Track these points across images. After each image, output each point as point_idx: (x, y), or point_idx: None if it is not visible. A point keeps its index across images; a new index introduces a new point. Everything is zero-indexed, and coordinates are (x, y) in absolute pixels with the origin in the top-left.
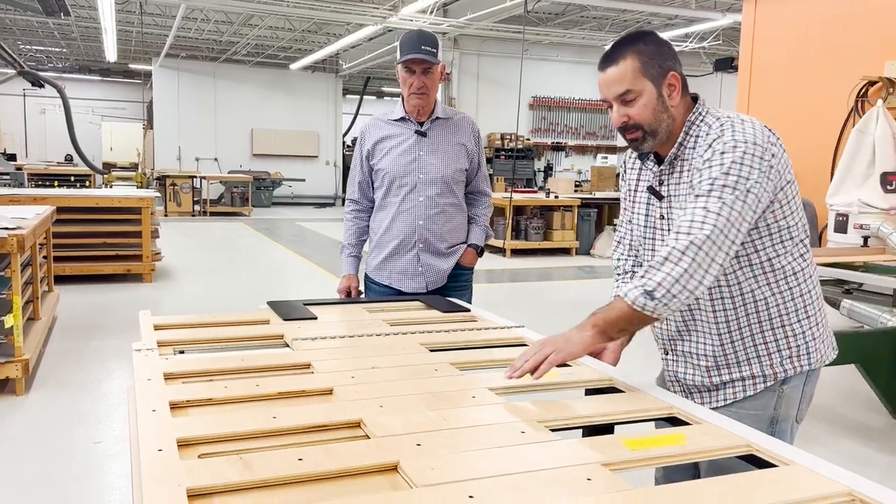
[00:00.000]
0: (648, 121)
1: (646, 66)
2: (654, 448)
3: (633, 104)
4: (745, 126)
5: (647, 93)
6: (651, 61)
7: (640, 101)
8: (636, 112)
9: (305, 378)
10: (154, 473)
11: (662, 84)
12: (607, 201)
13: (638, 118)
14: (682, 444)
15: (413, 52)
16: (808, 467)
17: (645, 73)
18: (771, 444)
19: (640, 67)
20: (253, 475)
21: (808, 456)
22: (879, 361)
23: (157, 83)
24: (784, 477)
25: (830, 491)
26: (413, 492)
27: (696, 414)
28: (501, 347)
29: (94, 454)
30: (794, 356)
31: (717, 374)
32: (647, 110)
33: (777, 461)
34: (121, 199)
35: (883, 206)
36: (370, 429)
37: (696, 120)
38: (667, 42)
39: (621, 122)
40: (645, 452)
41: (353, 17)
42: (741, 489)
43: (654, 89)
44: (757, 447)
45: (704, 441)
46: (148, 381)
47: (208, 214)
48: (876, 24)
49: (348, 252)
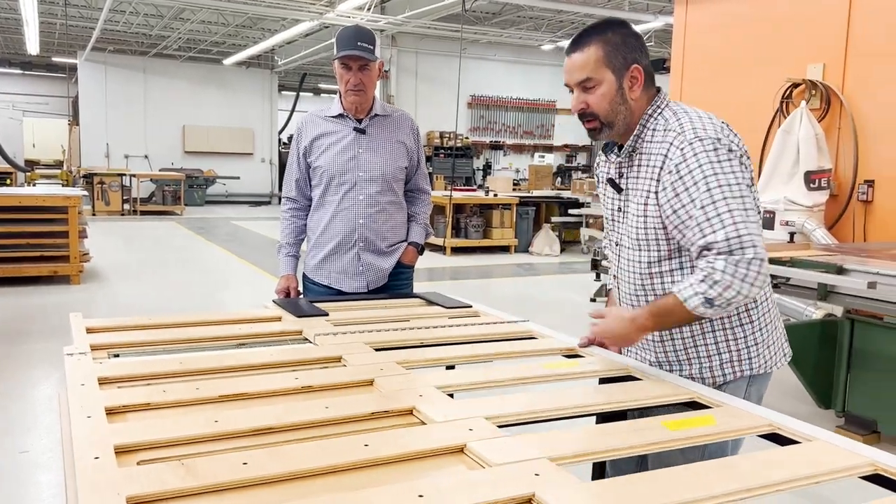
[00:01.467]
0: (605, 111)
1: (609, 56)
2: (692, 429)
3: (593, 92)
4: (705, 122)
5: (608, 83)
6: (615, 52)
7: (599, 90)
8: (594, 101)
9: (341, 370)
10: (90, 481)
11: (625, 76)
12: (545, 200)
13: (595, 107)
14: (714, 424)
15: (349, 48)
16: (829, 442)
17: (608, 64)
18: (792, 423)
19: (603, 57)
20: (197, 481)
21: (827, 433)
22: (806, 353)
23: (82, 77)
24: (809, 452)
25: (853, 463)
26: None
27: (715, 398)
28: (510, 341)
29: (21, 464)
30: (733, 360)
31: (678, 368)
32: (604, 101)
33: (800, 438)
34: (45, 198)
35: (807, 204)
36: (424, 415)
37: (653, 113)
38: (636, 34)
39: (579, 108)
40: (685, 433)
41: (288, 13)
42: (772, 463)
43: (614, 80)
44: (779, 426)
45: (731, 422)
46: (82, 385)
47: (139, 213)
48: (799, 29)
49: (286, 252)
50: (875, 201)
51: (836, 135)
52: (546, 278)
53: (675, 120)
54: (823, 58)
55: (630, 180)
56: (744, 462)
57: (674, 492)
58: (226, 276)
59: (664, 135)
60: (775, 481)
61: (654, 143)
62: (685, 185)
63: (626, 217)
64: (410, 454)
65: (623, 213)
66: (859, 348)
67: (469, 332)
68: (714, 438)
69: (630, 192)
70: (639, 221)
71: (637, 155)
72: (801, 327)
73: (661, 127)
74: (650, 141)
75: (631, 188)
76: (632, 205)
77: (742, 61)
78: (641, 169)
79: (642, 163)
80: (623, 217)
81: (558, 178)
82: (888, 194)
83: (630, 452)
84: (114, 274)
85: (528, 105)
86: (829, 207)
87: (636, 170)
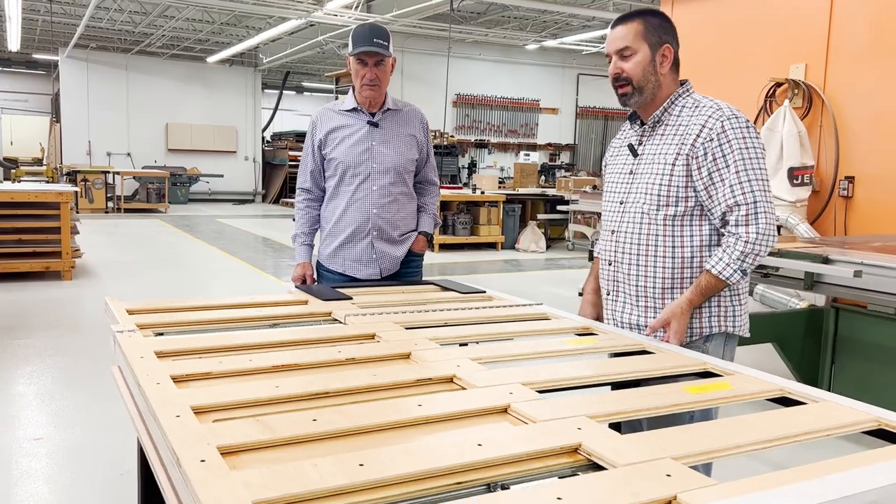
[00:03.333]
0: (638, 77)
1: (647, 32)
2: (711, 392)
3: (629, 59)
4: (732, 107)
5: (643, 53)
6: (653, 30)
7: (635, 58)
8: (630, 67)
9: (378, 345)
10: (179, 436)
11: (658, 51)
12: (530, 197)
13: (630, 72)
14: (731, 388)
15: (366, 44)
16: (836, 403)
17: (645, 38)
18: (800, 387)
19: (642, 31)
20: (275, 434)
21: (832, 395)
22: (792, 340)
23: (64, 75)
24: (818, 410)
25: (858, 419)
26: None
27: (725, 366)
28: (526, 321)
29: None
30: (721, 315)
31: (654, 317)
32: (638, 67)
33: (808, 400)
34: (38, 194)
35: (790, 199)
36: (465, 382)
37: (683, 93)
38: (671, 23)
39: (615, 73)
40: (705, 395)
41: (276, 11)
42: (786, 419)
43: (649, 52)
44: (789, 390)
45: (745, 386)
46: (141, 358)
47: (122, 211)
48: (782, 29)
49: (301, 241)
50: (855, 197)
51: (817, 132)
52: (533, 274)
53: (708, 101)
54: (805, 58)
55: (650, 147)
56: (760, 420)
57: (705, 442)
58: (216, 272)
59: (695, 110)
60: (791, 433)
61: (682, 116)
62: (723, 152)
63: (635, 178)
64: (459, 413)
65: (633, 174)
66: (844, 336)
67: (487, 314)
68: (731, 401)
69: (647, 157)
70: (664, 179)
71: (661, 127)
72: (789, 315)
73: (690, 104)
74: (678, 116)
75: (649, 154)
76: (648, 167)
77: (727, 61)
78: (667, 139)
79: (668, 134)
80: (632, 178)
81: (542, 176)
82: (868, 190)
83: (659, 412)
84: (104, 270)
85: (513, 104)
86: (811, 203)
87: (659, 138)
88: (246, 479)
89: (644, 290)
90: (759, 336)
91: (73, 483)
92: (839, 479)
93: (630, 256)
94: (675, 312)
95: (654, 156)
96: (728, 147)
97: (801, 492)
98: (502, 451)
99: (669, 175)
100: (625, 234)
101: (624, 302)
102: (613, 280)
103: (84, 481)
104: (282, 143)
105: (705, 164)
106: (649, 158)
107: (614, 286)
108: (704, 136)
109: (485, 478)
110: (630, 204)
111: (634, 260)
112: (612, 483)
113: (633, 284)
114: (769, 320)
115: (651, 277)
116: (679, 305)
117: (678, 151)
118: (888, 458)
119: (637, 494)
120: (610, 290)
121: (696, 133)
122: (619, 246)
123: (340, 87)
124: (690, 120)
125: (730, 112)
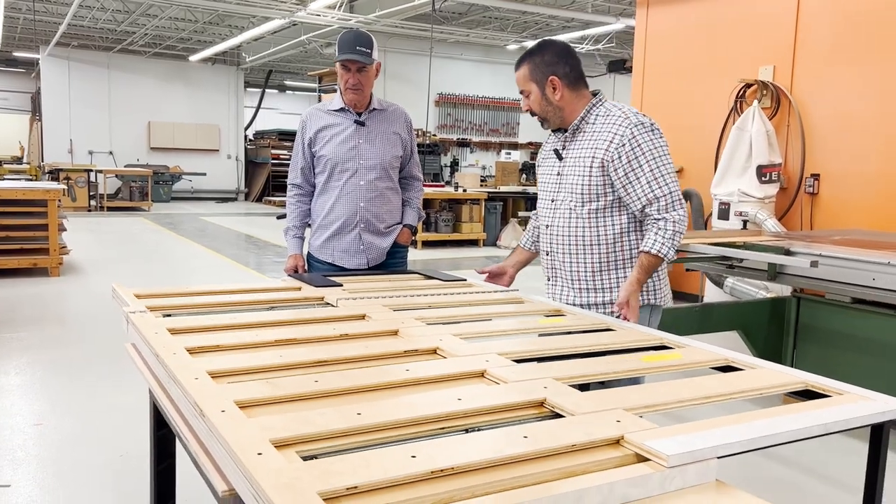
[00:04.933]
0: (538, 110)
1: (533, 72)
2: (664, 361)
3: (529, 98)
4: (638, 114)
5: (534, 92)
6: (537, 68)
7: (531, 96)
8: (531, 104)
9: (368, 323)
10: (201, 394)
11: (544, 86)
12: (511, 195)
13: (532, 108)
14: (681, 358)
15: (349, 52)
16: (771, 369)
17: (532, 78)
18: (742, 357)
19: (528, 73)
20: (284, 391)
21: (770, 363)
22: (757, 328)
23: (45, 73)
24: (756, 375)
25: (789, 381)
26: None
27: (680, 340)
28: (503, 304)
29: (42, 434)
30: (646, 290)
31: (587, 296)
32: (536, 104)
33: (747, 367)
34: (26, 192)
35: (759, 196)
36: (447, 352)
37: (596, 103)
38: (559, 52)
39: (525, 109)
40: (658, 363)
41: (259, 10)
42: (727, 381)
43: (538, 89)
44: (732, 360)
45: (694, 356)
46: (156, 334)
47: (105, 209)
48: (751, 33)
49: (293, 234)
50: (820, 193)
51: (785, 132)
52: None
53: (617, 110)
54: (774, 60)
55: (572, 151)
56: (704, 381)
57: (652, 397)
58: (201, 269)
59: (606, 119)
60: (729, 392)
61: (597, 124)
62: (635, 154)
63: (562, 179)
64: (442, 377)
65: (560, 176)
66: (805, 323)
67: (468, 298)
68: (681, 368)
69: (570, 160)
70: (584, 179)
71: (580, 134)
72: (754, 304)
73: (603, 113)
74: (592, 124)
75: (572, 157)
76: (571, 169)
77: (700, 62)
78: (585, 144)
79: (585, 139)
80: (559, 179)
81: (523, 174)
82: (832, 187)
83: (618, 376)
84: (91, 267)
85: (494, 103)
86: (779, 199)
87: (579, 144)
88: (262, 424)
89: (578, 275)
90: (725, 324)
91: (73, 466)
92: (763, 423)
93: (563, 247)
94: (630, 291)
95: (576, 159)
96: (639, 149)
97: (730, 432)
98: (478, 403)
99: (589, 176)
100: (557, 228)
101: (562, 286)
102: (551, 267)
103: (85, 463)
104: (264, 141)
105: (621, 166)
106: (572, 162)
107: (552, 273)
108: (617, 143)
109: (464, 424)
110: (559, 202)
111: (567, 249)
112: (571, 426)
113: (568, 270)
114: (735, 309)
115: (582, 263)
116: (631, 285)
117: (594, 156)
118: (807, 410)
119: (591, 434)
120: (550, 276)
121: (609, 140)
122: (554, 238)
123: (323, 86)
124: (604, 128)
125: (636, 119)
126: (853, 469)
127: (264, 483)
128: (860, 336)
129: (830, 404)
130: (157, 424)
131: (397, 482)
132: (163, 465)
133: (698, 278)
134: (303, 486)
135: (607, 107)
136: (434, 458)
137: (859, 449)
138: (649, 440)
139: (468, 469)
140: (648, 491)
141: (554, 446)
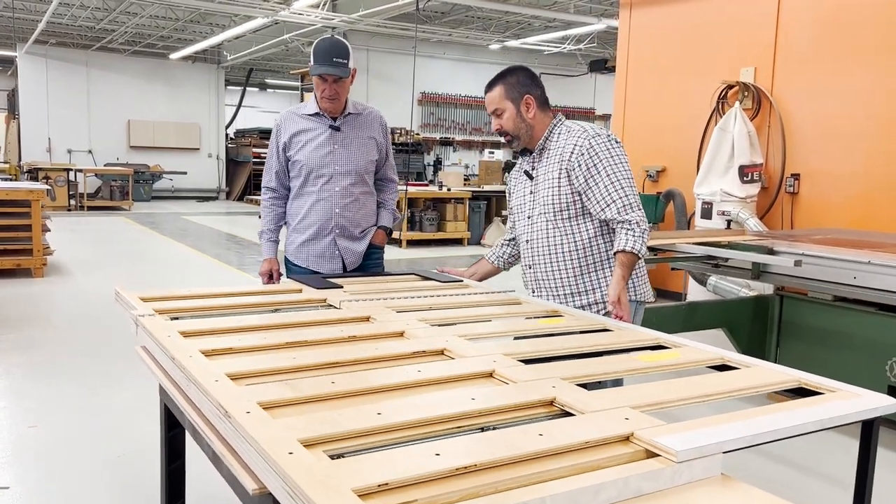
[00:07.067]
0: (512, 129)
1: (508, 90)
2: (662, 360)
3: (502, 117)
4: (596, 128)
5: (509, 110)
6: (512, 87)
7: (505, 115)
8: (504, 122)
9: (374, 325)
10: (223, 396)
11: (520, 103)
12: (495, 194)
13: (505, 127)
14: (679, 357)
15: (325, 65)
16: (766, 368)
17: (508, 96)
18: (737, 356)
19: (504, 92)
20: (303, 393)
21: (764, 362)
22: (741, 325)
23: (22, 71)
24: (751, 373)
25: (783, 379)
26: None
27: (676, 340)
28: (501, 305)
29: (36, 435)
30: (628, 288)
31: (572, 300)
32: (510, 122)
33: (743, 366)
34: (8, 192)
35: (741, 195)
36: (454, 353)
37: (558, 123)
38: (530, 74)
39: (496, 128)
40: (657, 363)
41: (242, 9)
42: (725, 380)
43: (513, 107)
44: (728, 359)
45: (691, 355)
46: (168, 337)
47: (85, 209)
48: (733, 35)
49: (267, 237)
50: (801, 193)
51: (766, 132)
52: None
53: (577, 126)
54: (755, 62)
55: (541, 170)
56: (704, 380)
57: (657, 396)
58: (185, 268)
59: (568, 136)
60: (728, 389)
61: (560, 141)
62: (594, 163)
63: (535, 196)
64: (453, 377)
65: (533, 194)
66: (787, 321)
67: (467, 299)
68: (679, 367)
69: (540, 178)
70: (555, 191)
71: (546, 152)
72: (738, 302)
73: (564, 132)
74: (556, 141)
75: (542, 175)
76: (542, 185)
77: (682, 64)
78: (552, 160)
79: (551, 156)
80: (533, 197)
81: (506, 173)
82: (812, 186)
83: (620, 375)
84: (75, 267)
85: (477, 103)
86: (760, 198)
87: (546, 161)
88: (287, 425)
89: (560, 281)
90: (711, 322)
91: (73, 467)
92: (764, 419)
93: (544, 257)
94: (619, 289)
95: (545, 175)
96: (597, 158)
97: (734, 428)
98: (492, 403)
99: (558, 187)
100: (537, 241)
101: (546, 296)
102: (534, 279)
103: (84, 463)
104: (245, 140)
105: (581, 174)
106: (542, 178)
107: (536, 285)
108: (577, 153)
109: (479, 423)
110: (535, 217)
111: (548, 259)
112: (583, 424)
113: (551, 279)
114: (719, 308)
115: (562, 269)
116: (618, 283)
117: (559, 167)
118: (803, 407)
119: (603, 431)
120: (534, 288)
121: (570, 151)
122: (535, 250)
123: (306, 85)
124: (566, 142)
125: (594, 132)
126: (841, 465)
127: (300, 480)
128: (842, 333)
129: (824, 401)
130: (168, 425)
131: (424, 479)
132: (174, 465)
133: (682, 277)
134: (337, 483)
135: (568, 125)
136: (457, 456)
137: (847, 445)
138: (658, 437)
139: (490, 466)
140: (660, 485)
141: (569, 443)
